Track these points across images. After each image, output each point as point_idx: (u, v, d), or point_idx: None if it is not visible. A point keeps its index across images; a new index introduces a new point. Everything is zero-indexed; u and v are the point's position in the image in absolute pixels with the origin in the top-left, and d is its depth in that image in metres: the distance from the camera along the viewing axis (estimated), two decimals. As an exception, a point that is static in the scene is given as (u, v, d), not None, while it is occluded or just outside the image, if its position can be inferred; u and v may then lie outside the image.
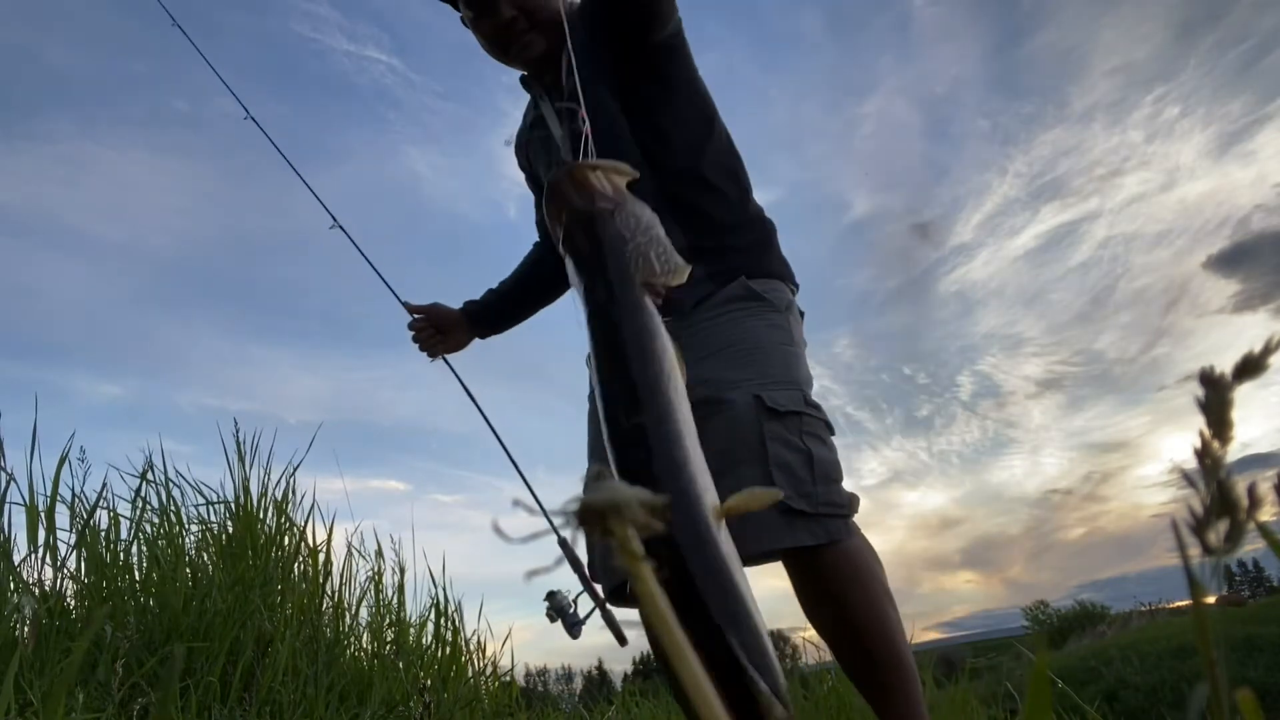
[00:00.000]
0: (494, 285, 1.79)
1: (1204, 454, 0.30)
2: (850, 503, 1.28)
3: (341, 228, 1.88)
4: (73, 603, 1.86)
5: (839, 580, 1.25)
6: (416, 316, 1.76)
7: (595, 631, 1.47)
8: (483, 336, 1.78)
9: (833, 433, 1.33)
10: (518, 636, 2.87)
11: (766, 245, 1.45)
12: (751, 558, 1.29)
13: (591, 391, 1.54)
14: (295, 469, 2.46)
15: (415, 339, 1.76)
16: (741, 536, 1.26)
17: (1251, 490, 0.30)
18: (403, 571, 2.62)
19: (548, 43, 1.47)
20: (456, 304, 1.80)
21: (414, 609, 2.61)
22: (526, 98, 1.64)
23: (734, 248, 1.40)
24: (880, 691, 1.26)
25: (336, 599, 2.40)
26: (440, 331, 1.75)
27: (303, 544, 2.39)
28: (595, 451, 1.49)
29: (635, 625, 1.49)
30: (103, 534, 2.04)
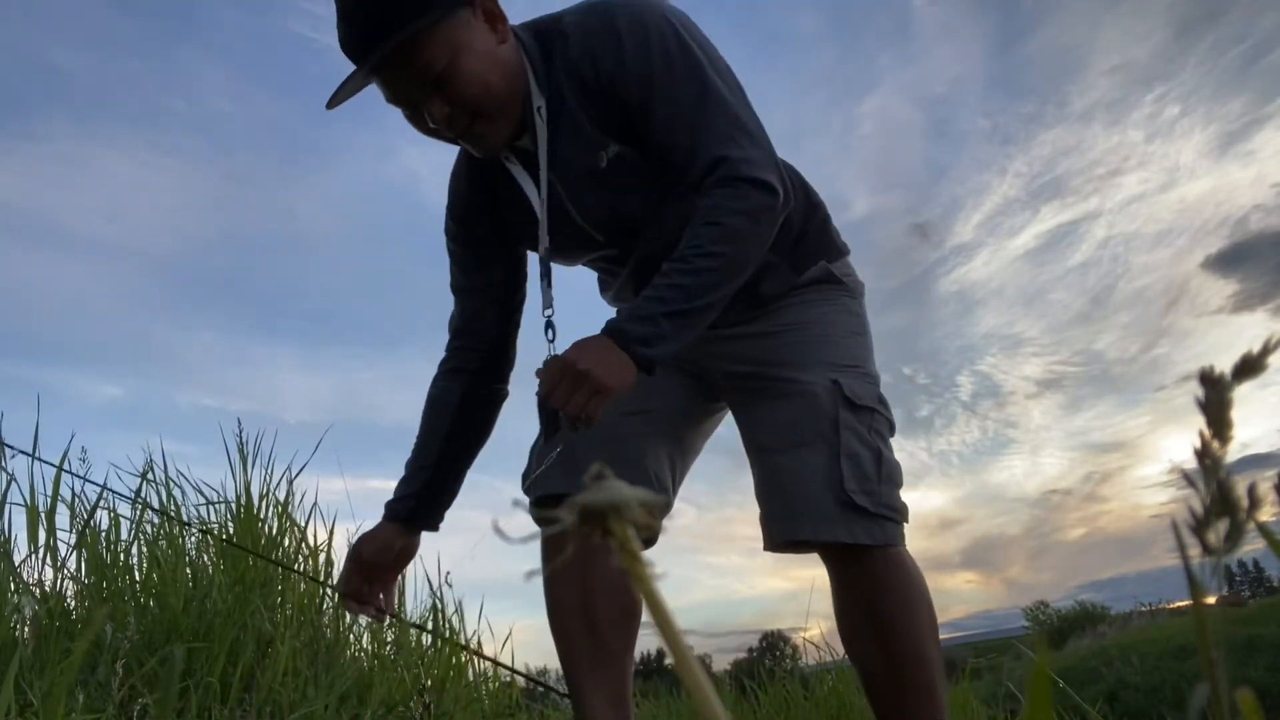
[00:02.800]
0: (411, 459, 1.38)
1: (1204, 454, 0.30)
2: (905, 511, 1.24)
3: None
4: (73, 603, 1.86)
5: (886, 588, 1.20)
6: (345, 591, 1.36)
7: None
8: (433, 528, 1.39)
9: (894, 434, 1.30)
10: (518, 637, 2.87)
11: (827, 225, 1.40)
12: (789, 544, 1.24)
13: None
14: (298, 472, 2.46)
15: (352, 611, 1.40)
16: (795, 522, 1.20)
17: (1251, 490, 0.30)
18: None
19: (508, 121, 1.20)
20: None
21: (414, 609, 2.61)
22: None
23: (805, 239, 1.36)
24: (900, 715, 1.20)
25: (337, 599, 2.40)
26: (378, 573, 1.36)
27: (303, 544, 2.39)
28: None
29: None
30: (103, 534, 2.04)
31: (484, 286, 1.39)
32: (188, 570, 2.08)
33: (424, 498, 1.36)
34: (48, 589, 1.82)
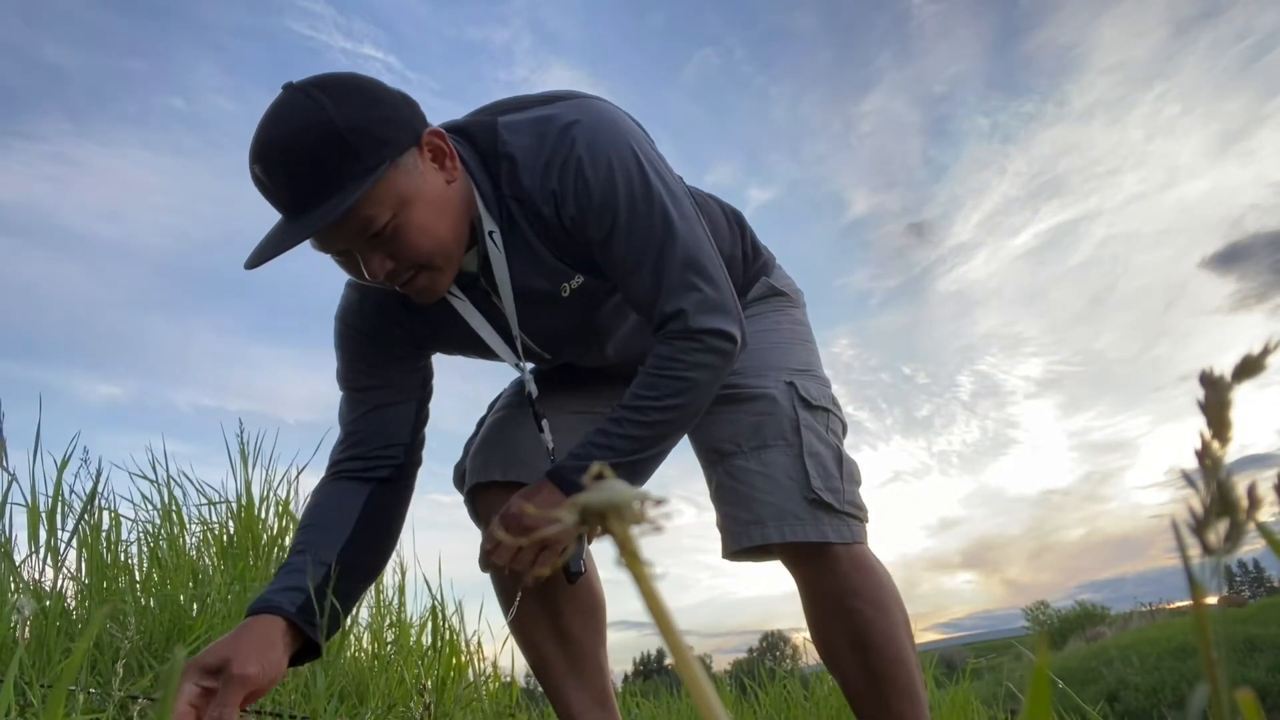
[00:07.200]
0: (295, 555, 1.10)
1: (1204, 454, 0.30)
2: (867, 511, 1.24)
3: None
4: (73, 603, 1.86)
5: (857, 591, 1.18)
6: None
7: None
8: (320, 645, 1.04)
9: (847, 435, 1.31)
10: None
11: (756, 242, 1.41)
12: (752, 551, 1.22)
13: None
14: (300, 471, 2.46)
15: None
16: (762, 526, 1.19)
17: (1251, 490, 0.30)
18: (403, 572, 2.62)
19: (455, 267, 1.08)
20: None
21: (414, 609, 2.61)
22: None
23: (748, 267, 1.38)
24: (883, 716, 1.19)
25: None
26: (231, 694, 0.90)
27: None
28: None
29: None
30: (104, 534, 2.04)
31: (396, 381, 1.21)
32: (189, 570, 2.08)
33: (320, 595, 1.04)
34: (48, 589, 1.82)
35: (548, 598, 1.31)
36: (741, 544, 1.22)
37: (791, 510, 1.18)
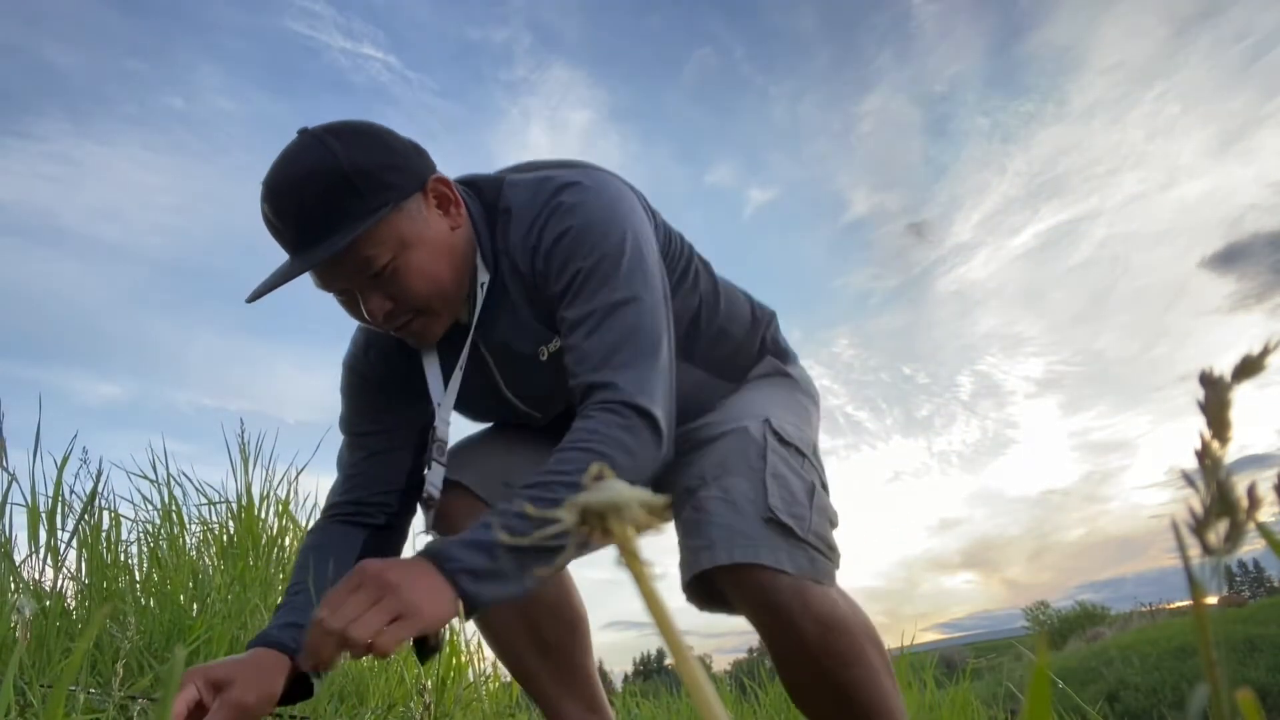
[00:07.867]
0: (296, 591, 1.08)
1: (1204, 454, 0.30)
2: (838, 554, 1.08)
3: None
4: (73, 603, 1.86)
5: (830, 647, 1.00)
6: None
7: (594, 631, 1.44)
8: (313, 686, 1.02)
9: (828, 492, 1.15)
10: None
11: (777, 338, 1.37)
12: (701, 585, 1.06)
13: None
14: (300, 471, 2.46)
15: None
16: (711, 550, 1.06)
17: (1251, 490, 0.30)
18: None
19: (452, 313, 1.10)
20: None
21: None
22: (527, 99, 1.37)
23: (761, 352, 1.35)
24: None
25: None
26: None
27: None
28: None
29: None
30: (104, 534, 2.04)
31: (397, 428, 1.21)
32: (189, 570, 2.08)
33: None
34: (48, 589, 1.82)
35: (524, 611, 1.26)
36: (690, 573, 1.05)
37: (743, 530, 1.01)
